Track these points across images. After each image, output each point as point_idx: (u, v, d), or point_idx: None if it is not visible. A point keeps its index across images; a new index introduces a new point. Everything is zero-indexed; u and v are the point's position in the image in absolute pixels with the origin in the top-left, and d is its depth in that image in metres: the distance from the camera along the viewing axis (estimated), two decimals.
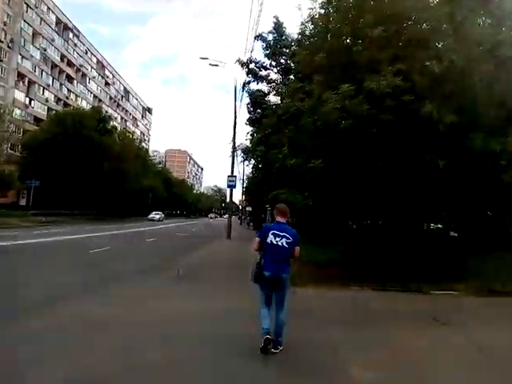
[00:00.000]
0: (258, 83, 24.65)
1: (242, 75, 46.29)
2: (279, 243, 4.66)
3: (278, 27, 22.89)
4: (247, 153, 25.74)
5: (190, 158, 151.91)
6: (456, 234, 14.76)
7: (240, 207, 68.05)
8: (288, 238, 4.68)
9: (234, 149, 25.72)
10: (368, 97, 8.60)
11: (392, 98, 8.48)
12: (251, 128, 24.35)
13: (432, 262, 10.43)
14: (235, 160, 26.88)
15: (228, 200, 32.97)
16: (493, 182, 8.71)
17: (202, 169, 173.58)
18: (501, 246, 12.90)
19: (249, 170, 37.75)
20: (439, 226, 13.74)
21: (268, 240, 4.69)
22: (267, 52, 24.38)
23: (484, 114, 8.52)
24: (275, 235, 4.69)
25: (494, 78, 8.37)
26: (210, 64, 26.71)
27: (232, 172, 25.61)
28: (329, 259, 13.05)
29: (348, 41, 10.48)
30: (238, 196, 65.29)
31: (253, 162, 27.57)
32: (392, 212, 9.52)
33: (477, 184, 8.99)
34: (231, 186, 25.61)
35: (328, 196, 10.06)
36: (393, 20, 9.51)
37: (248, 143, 24.60)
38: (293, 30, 29.77)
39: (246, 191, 46.29)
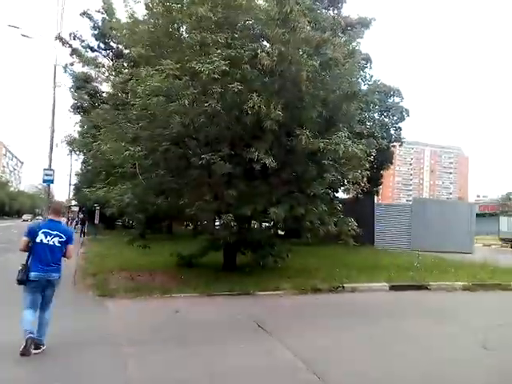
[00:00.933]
0: (83, 66, 21.60)
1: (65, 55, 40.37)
2: (50, 242, 4.52)
3: (108, 7, 20.47)
4: (73, 145, 22.37)
5: (7, 151, 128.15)
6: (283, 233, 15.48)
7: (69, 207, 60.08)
8: (61, 237, 4.57)
9: (52, 138, 21.78)
10: (194, 80, 7.66)
11: (221, 86, 7.77)
12: (79, 117, 21.44)
13: (259, 260, 10.34)
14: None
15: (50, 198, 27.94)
16: (317, 181, 8.86)
17: (22, 163, 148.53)
18: (325, 243, 13.98)
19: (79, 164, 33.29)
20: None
21: (38, 239, 4.48)
22: (95, 32, 21.69)
23: (310, 112, 8.61)
24: (46, 234, 4.52)
25: (318, 75, 8.51)
26: (23, 35, 21.99)
27: (50, 165, 21.55)
28: (153, 263, 11.80)
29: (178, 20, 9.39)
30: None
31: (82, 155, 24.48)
32: (219, 210, 8.79)
33: (303, 182, 9.06)
34: (48, 181, 21.55)
35: (149, 190, 8.72)
36: (225, 4, 8.87)
37: (76, 134, 21.43)
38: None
39: (76, 189, 41.04)
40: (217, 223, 10.45)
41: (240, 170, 8.67)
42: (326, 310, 7.16)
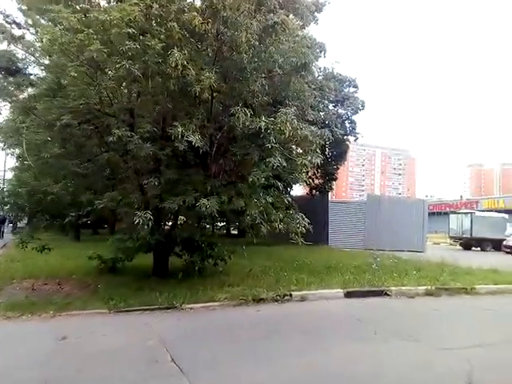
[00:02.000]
0: (10, 44, 18.75)
1: None
2: None
3: None
4: None
5: None
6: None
7: None
8: None
9: None
10: (101, 34, 5.91)
11: (139, 44, 6.05)
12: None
13: (196, 264, 8.80)
14: None
15: None
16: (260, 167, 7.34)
17: None
18: (279, 242, 12.57)
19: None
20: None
21: None
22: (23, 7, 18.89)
23: (251, 85, 7.13)
24: None
25: (262, 43, 7.03)
26: None
27: None
28: (76, 268, 9.85)
29: None
30: None
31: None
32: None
33: (244, 169, 7.53)
34: None
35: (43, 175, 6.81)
36: None
37: None
38: None
39: None
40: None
41: (168, 153, 7.00)
42: (267, 327, 5.65)
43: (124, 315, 6.11)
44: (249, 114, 6.64)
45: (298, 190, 29.89)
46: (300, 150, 7.21)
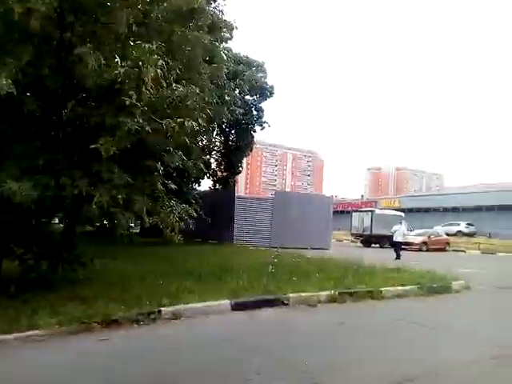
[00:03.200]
0: None
1: None
2: None
3: None
4: None
5: None
6: None
7: None
8: None
9: None
10: None
11: None
12: None
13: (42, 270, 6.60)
14: None
15: None
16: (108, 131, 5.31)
17: None
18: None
19: None
20: None
21: None
22: None
23: None
24: None
25: None
26: None
27: None
28: None
29: None
30: None
31: None
32: None
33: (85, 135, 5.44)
34: None
35: None
36: None
37: None
38: None
39: None
40: None
41: None
42: (107, 375, 3.71)
43: None
44: (102, 58, 4.64)
45: (206, 185, 28.16)
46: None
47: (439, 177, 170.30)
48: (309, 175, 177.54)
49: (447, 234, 30.38)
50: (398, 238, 17.87)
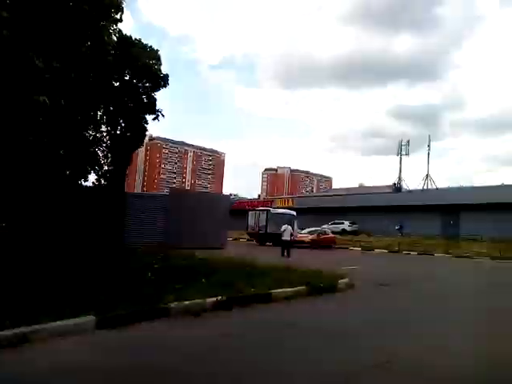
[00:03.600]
0: None
1: None
2: None
3: None
4: None
5: None
6: None
7: None
8: None
9: None
10: None
11: None
12: None
13: None
14: None
15: None
16: None
17: None
18: None
19: None
20: None
21: None
22: None
23: None
24: None
25: None
26: None
27: None
28: None
29: None
30: None
31: None
32: None
33: None
34: None
35: None
36: None
37: None
38: None
39: None
40: None
41: None
42: None
43: None
44: None
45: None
46: None
47: (328, 179, 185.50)
48: (210, 174, 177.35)
49: (333, 232, 32.69)
50: (285, 237, 18.53)
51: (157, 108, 14.90)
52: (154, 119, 15.02)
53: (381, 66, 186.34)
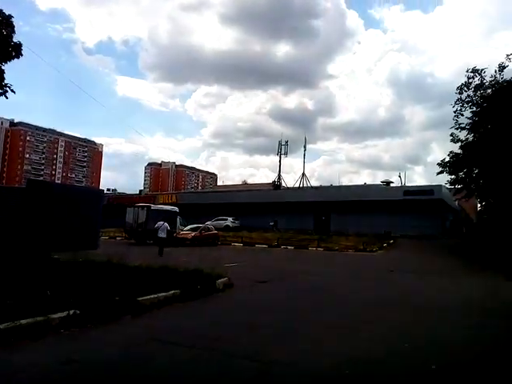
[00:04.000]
0: None
1: None
2: None
3: None
4: None
5: None
6: None
7: None
8: None
9: None
10: None
11: None
12: None
13: None
14: None
15: None
16: None
17: None
18: None
19: None
20: None
21: None
22: None
23: None
24: None
25: None
26: None
27: None
28: None
29: None
30: None
31: None
32: None
33: None
34: None
35: None
36: None
37: None
38: None
39: None
40: None
41: None
42: None
43: None
44: None
45: None
46: None
47: (213, 176, 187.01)
48: (84, 166, 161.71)
49: (217, 229, 32.54)
50: (161, 234, 17.83)
51: (5, 82, 12.22)
52: (3, 94, 12.33)
53: (262, 69, 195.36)
